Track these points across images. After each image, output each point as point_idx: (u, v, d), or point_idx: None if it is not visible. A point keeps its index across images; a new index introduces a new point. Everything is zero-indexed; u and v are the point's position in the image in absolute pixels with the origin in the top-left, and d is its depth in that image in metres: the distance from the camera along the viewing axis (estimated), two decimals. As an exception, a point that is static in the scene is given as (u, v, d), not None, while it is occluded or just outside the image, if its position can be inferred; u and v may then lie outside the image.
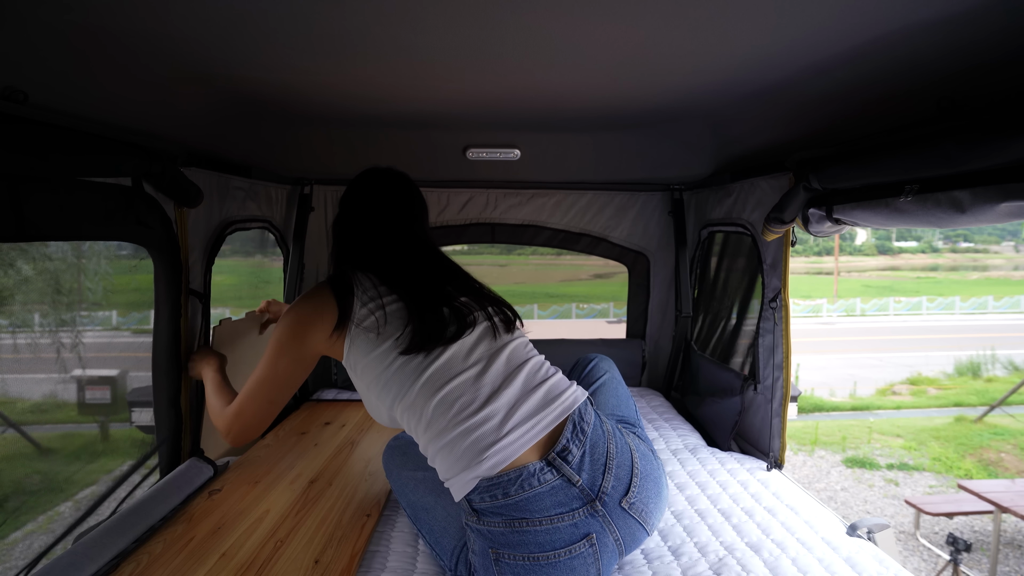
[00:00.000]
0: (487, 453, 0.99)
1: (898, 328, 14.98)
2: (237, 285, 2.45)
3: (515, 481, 0.98)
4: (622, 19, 0.90)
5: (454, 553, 1.10)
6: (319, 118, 1.72)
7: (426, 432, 1.06)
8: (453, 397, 1.04)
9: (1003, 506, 3.64)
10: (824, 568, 1.15)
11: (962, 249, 29.83)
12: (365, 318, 1.12)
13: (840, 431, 6.75)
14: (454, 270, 1.25)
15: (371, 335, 1.10)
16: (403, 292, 1.14)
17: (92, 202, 1.18)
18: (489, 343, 1.13)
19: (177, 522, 1.28)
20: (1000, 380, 9.09)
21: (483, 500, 0.99)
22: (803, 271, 25.97)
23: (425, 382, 1.06)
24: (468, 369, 1.08)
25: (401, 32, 0.97)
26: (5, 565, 1.76)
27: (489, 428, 1.01)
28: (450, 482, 1.04)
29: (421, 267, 1.21)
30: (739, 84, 1.29)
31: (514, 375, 1.09)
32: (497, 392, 1.05)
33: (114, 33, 0.92)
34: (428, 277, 1.19)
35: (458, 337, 1.11)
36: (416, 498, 1.22)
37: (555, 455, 1.01)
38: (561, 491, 0.98)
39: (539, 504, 0.97)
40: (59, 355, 1.94)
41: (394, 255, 1.21)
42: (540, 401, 1.06)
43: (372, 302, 1.13)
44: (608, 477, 1.02)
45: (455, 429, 1.02)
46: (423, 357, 1.08)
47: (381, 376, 1.10)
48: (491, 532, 0.99)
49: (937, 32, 0.84)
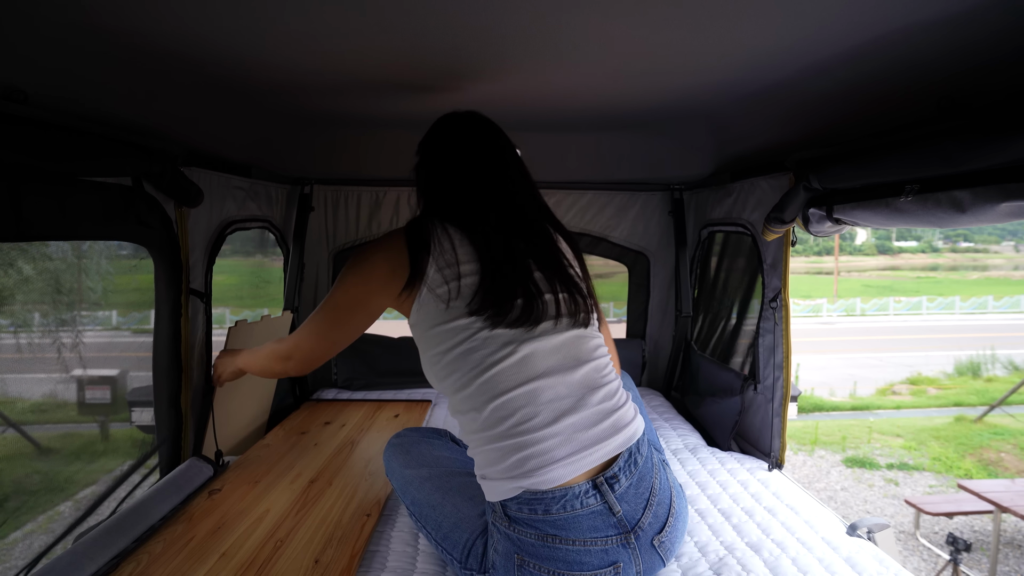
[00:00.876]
0: (540, 472, 0.95)
1: (898, 328, 14.98)
2: (238, 285, 2.45)
3: (559, 500, 0.95)
4: (623, 19, 0.90)
5: (465, 547, 1.09)
6: (319, 118, 1.72)
7: (478, 430, 1.00)
8: (515, 407, 0.98)
9: (1003, 506, 3.64)
10: (824, 568, 1.15)
11: (962, 249, 29.84)
12: (438, 285, 1.01)
13: (840, 431, 6.75)
14: (542, 236, 1.12)
15: (441, 305, 1.01)
16: (483, 263, 1.03)
17: (92, 202, 1.18)
18: (559, 342, 1.04)
19: (177, 522, 1.28)
20: (1000, 380, 9.09)
21: (520, 510, 0.96)
22: (803, 271, 25.98)
23: (487, 381, 0.99)
24: (535, 380, 0.99)
25: (401, 32, 0.97)
26: (5, 565, 1.76)
27: (547, 447, 0.96)
28: (488, 482, 1.00)
29: (505, 230, 1.08)
30: (739, 84, 1.29)
31: (584, 395, 1.01)
32: (564, 415, 0.98)
33: (114, 33, 0.92)
34: (511, 246, 1.06)
35: (527, 323, 1.01)
36: (422, 496, 1.21)
37: (603, 480, 0.97)
38: (600, 517, 0.96)
39: (576, 525, 0.95)
40: (59, 355, 1.93)
41: (479, 210, 1.09)
42: (605, 430, 1.00)
43: (448, 268, 1.02)
44: (648, 513, 1.00)
45: (511, 439, 0.97)
46: (489, 352, 0.99)
47: (444, 356, 1.02)
48: (521, 540, 0.97)
49: (937, 32, 0.84)
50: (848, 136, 1.33)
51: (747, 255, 1.98)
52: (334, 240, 2.47)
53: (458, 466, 1.25)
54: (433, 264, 1.02)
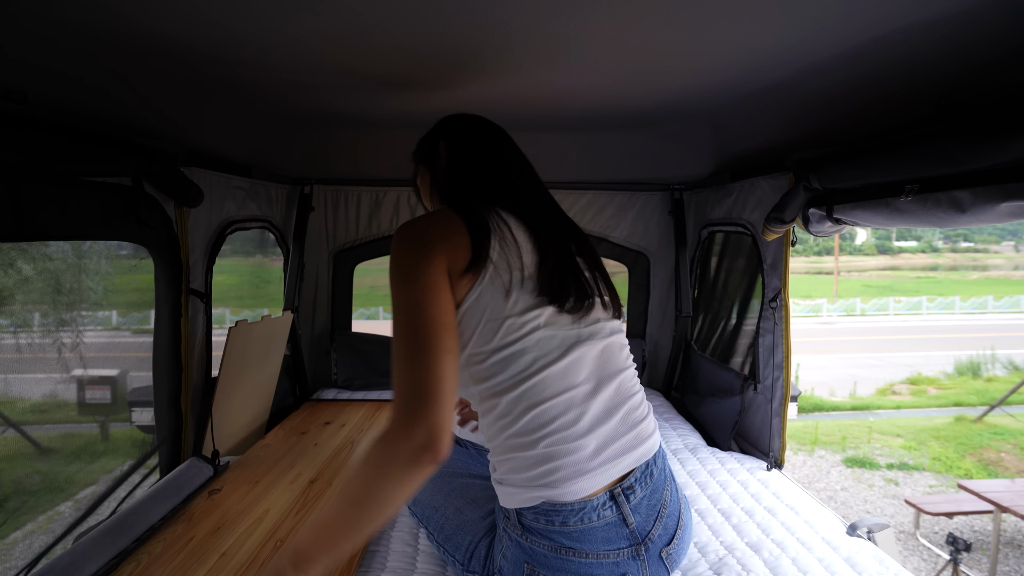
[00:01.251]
0: (566, 483, 0.92)
1: (898, 328, 14.97)
2: (238, 285, 2.45)
3: (577, 512, 0.93)
4: (623, 19, 0.90)
5: (468, 550, 1.08)
6: (319, 118, 1.72)
7: (509, 436, 0.94)
8: (553, 415, 0.92)
9: (1003, 506, 3.64)
10: (824, 568, 1.15)
11: (962, 249, 29.83)
12: (504, 270, 0.92)
13: (840, 431, 6.75)
14: (579, 233, 1.09)
15: (501, 291, 0.92)
16: (540, 250, 0.97)
17: (92, 202, 1.18)
18: (602, 347, 0.99)
19: (177, 522, 1.28)
20: (1000, 380, 9.09)
21: (536, 520, 0.94)
22: (803, 271, 25.97)
23: (532, 387, 0.93)
24: (576, 387, 0.94)
25: (402, 32, 0.97)
26: (5, 565, 1.76)
27: (577, 459, 0.92)
28: (506, 488, 0.97)
29: (552, 221, 1.03)
30: (739, 84, 1.29)
31: (616, 404, 0.98)
32: (598, 425, 0.95)
33: (114, 33, 0.92)
34: (562, 238, 1.02)
35: (579, 310, 0.96)
36: (422, 496, 1.20)
37: (621, 490, 0.96)
38: (614, 529, 0.95)
39: (591, 538, 0.94)
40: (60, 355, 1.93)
41: (526, 198, 1.04)
42: (630, 441, 0.98)
43: (511, 253, 0.94)
44: (658, 525, 0.99)
45: (543, 449, 0.92)
46: (540, 355, 0.93)
47: (493, 354, 0.93)
48: (533, 550, 0.95)
49: (937, 32, 0.84)
50: (848, 136, 1.33)
51: (747, 255, 1.98)
52: (334, 240, 2.47)
53: (459, 467, 1.25)
54: (496, 246, 0.93)
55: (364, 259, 2.55)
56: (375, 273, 2.72)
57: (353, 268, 2.53)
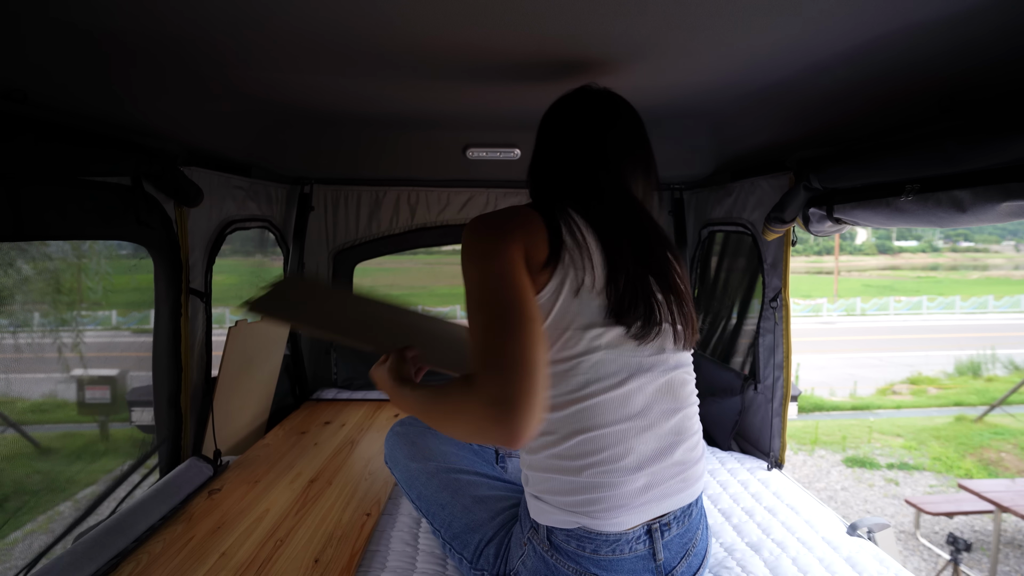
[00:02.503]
0: (606, 516, 0.88)
1: (898, 328, 14.97)
2: (238, 285, 2.45)
3: (611, 543, 0.90)
4: (623, 19, 0.90)
5: (477, 549, 1.07)
6: (319, 118, 1.72)
7: (552, 455, 0.90)
8: (603, 444, 0.88)
9: (1003, 506, 3.64)
10: (824, 568, 1.15)
11: (962, 248, 29.81)
12: (578, 268, 0.88)
13: (840, 431, 6.75)
14: (658, 253, 0.98)
15: (571, 293, 0.87)
16: (610, 263, 0.90)
17: (92, 201, 1.18)
18: (664, 382, 0.93)
19: (177, 522, 1.28)
20: (1000, 380, 9.09)
21: (568, 543, 0.91)
22: (803, 270, 25.96)
23: (584, 410, 0.88)
24: (631, 420, 0.90)
25: (402, 31, 0.97)
26: (5, 565, 1.76)
27: (622, 493, 0.89)
28: (542, 505, 0.92)
29: (630, 237, 0.95)
30: (739, 84, 1.29)
31: (671, 445, 0.93)
32: (648, 464, 0.90)
33: (114, 33, 0.92)
34: (636, 256, 0.93)
35: (644, 338, 0.90)
36: (429, 492, 1.19)
37: (658, 526, 0.93)
38: (641, 563, 0.93)
39: (618, 568, 0.92)
40: (60, 355, 1.94)
41: (605, 207, 0.96)
42: (678, 484, 0.94)
43: (582, 256, 0.89)
44: (684, 562, 0.97)
45: (588, 478, 0.88)
46: (596, 379, 0.88)
47: (549, 366, 0.88)
48: (557, 568, 0.93)
49: (938, 32, 0.84)
50: (848, 136, 1.33)
51: (747, 255, 1.97)
52: (334, 240, 2.47)
53: (466, 463, 1.24)
54: (572, 247, 0.89)
55: (364, 259, 2.55)
56: (375, 273, 2.72)
57: (353, 268, 2.53)
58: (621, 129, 1.04)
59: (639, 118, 1.07)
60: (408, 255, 2.70)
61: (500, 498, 1.12)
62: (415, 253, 2.70)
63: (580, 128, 1.02)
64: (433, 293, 4.44)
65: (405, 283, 5.04)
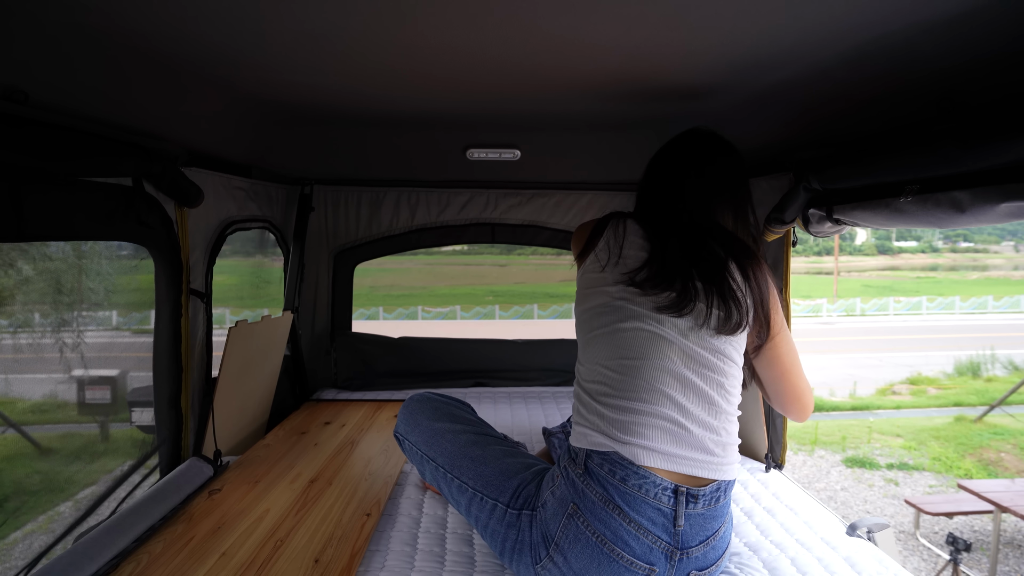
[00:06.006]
0: (638, 447, 0.96)
1: (898, 328, 14.98)
2: (238, 285, 2.45)
3: (640, 476, 0.96)
4: (623, 19, 0.90)
5: (517, 491, 1.09)
6: (319, 118, 1.72)
7: (601, 389, 1.02)
8: (645, 376, 1.00)
9: (1003, 506, 3.64)
10: (824, 568, 1.16)
11: (962, 249, 29.83)
12: (603, 252, 1.09)
13: (840, 431, 6.75)
14: (712, 258, 1.08)
15: (598, 267, 1.08)
16: (651, 254, 1.06)
17: (92, 202, 1.18)
18: (703, 347, 1.02)
19: (177, 522, 1.28)
20: (1000, 380, 9.09)
21: (601, 466, 0.98)
22: (803, 271, 25.98)
23: (618, 340, 1.02)
24: (668, 374, 1.00)
25: (402, 32, 0.97)
26: (5, 565, 1.76)
27: (652, 434, 0.98)
28: (583, 429, 1.02)
29: (683, 236, 1.10)
30: (739, 84, 1.29)
31: (708, 413, 1.01)
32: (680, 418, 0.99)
33: (114, 33, 0.92)
34: (682, 254, 1.07)
35: (673, 311, 1.01)
36: (457, 448, 1.20)
37: (685, 491, 0.98)
38: (661, 518, 0.96)
39: (640, 509, 0.96)
40: (61, 355, 1.94)
41: (663, 224, 1.12)
42: (704, 459, 1.00)
43: (615, 244, 1.09)
44: (701, 547, 1.00)
45: (633, 415, 0.99)
46: (627, 316, 1.02)
47: (586, 312, 1.08)
48: (584, 493, 0.98)
49: (937, 32, 0.84)
50: (848, 136, 1.33)
51: (747, 255, 1.97)
52: (334, 240, 2.47)
53: (489, 431, 1.28)
54: (604, 240, 1.10)
55: (364, 259, 2.55)
56: (375, 273, 2.73)
57: (353, 268, 2.53)
58: (708, 175, 1.16)
59: (736, 164, 1.19)
60: (408, 255, 2.72)
61: (526, 456, 1.19)
62: (415, 253, 2.71)
63: (667, 169, 1.18)
64: (433, 293, 4.44)
65: (405, 283, 5.03)
